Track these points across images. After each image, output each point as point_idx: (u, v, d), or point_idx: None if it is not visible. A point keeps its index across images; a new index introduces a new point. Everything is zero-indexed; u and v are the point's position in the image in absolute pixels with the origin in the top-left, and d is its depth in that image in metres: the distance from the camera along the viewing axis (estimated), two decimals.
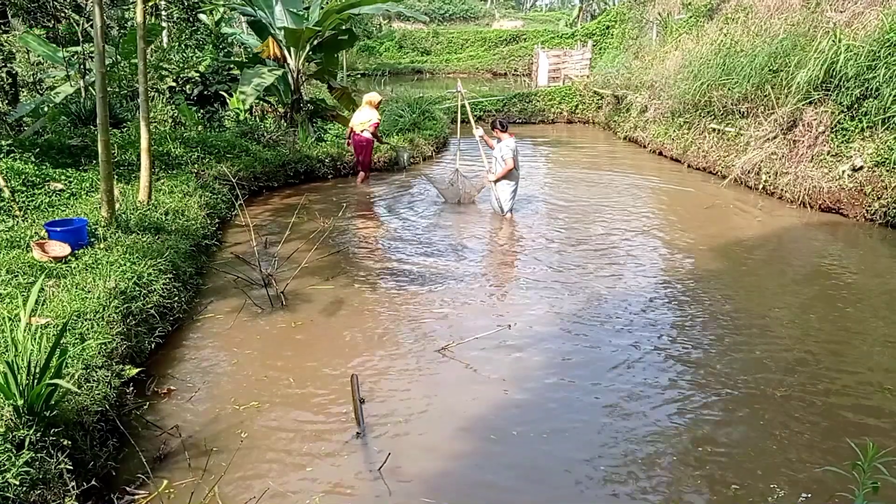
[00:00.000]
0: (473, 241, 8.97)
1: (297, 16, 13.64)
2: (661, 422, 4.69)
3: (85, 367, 4.39)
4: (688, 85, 14.58)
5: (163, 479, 4.02)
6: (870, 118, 9.93)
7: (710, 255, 8.23)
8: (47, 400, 3.78)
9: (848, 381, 5.23)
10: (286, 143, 12.93)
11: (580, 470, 4.17)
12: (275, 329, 6.16)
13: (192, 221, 8.07)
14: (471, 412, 4.83)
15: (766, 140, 11.60)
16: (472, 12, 58.29)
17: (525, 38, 43.64)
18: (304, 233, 8.71)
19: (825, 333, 6.08)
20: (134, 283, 5.77)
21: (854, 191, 9.73)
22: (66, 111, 11.78)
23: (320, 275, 7.44)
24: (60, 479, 3.52)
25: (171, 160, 10.47)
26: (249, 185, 11.14)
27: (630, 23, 25.35)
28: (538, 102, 22.02)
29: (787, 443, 4.41)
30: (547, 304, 6.74)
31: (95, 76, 7.01)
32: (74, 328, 4.81)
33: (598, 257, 8.17)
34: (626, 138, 17.68)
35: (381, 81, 29.44)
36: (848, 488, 3.67)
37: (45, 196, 7.95)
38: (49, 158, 9.07)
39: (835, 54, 10.56)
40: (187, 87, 14.09)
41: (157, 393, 5.02)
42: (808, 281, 7.49)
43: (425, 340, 5.93)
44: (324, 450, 4.37)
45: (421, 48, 46.35)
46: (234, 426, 4.61)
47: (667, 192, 12.03)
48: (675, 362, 5.55)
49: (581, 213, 10.28)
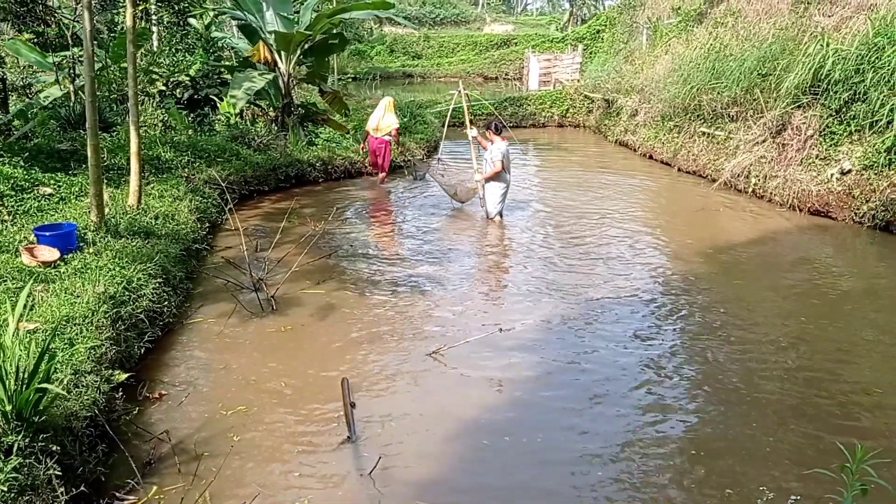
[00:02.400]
0: (464, 245, 8.98)
1: (288, 20, 13.63)
2: (653, 426, 4.69)
3: (74, 373, 4.36)
4: (678, 89, 14.65)
5: (152, 484, 4.00)
6: (858, 122, 10.00)
7: (700, 258, 8.26)
8: (36, 405, 3.75)
9: (836, 383, 5.25)
10: (277, 146, 12.91)
11: (572, 475, 4.17)
12: (265, 333, 6.15)
13: (182, 226, 8.04)
14: (462, 416, 4.83)
15: (756, 143, 11.66)
16: (462, 16, 58.41)
17: (516, 43, 43.80)
18: (294, 237, 8.69)
19: (814, 336, 6.10)
20: (123, 287, 5.74)
21: (842, 194, 9.79)
22: (55, 115, 11.73)
23: (311, 279, 7.43)
24: (49, 485, 3.49)
25: (161, 164, 10.44)
26: (240, 189, 11.11)
27: (620, 27, 25.45)
28: (529, 106, 22.07)
29: (776, 446, 4.43)
30: (537, 308, 6.75)
31: (85, 80, 6.99)
32: (63, 333, 4.78)
33: (589, 261, 8.19)
34: (617, 142, 17.73)
35: (371, 85, 29.49)
36: (836, 490, 3.68)
37: (35, 200, 7.91)
38: (38, 163, 9.03)
39: (823, 58, 10.64)
40: (177, 90, 14.05)
41: (146, 398, 4.99)
42: (798, 284, 7.53)
43: (416, 344, 5.93)
44: (315, 454, 4.36)
45: (412, 52, 46.44)
46: (224, 431, 4.59)
47: (657, 195, 12.08)
48: (665, 366, 5.56)
49: (571, 216, 10.30)
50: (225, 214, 9.54)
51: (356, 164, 13.40)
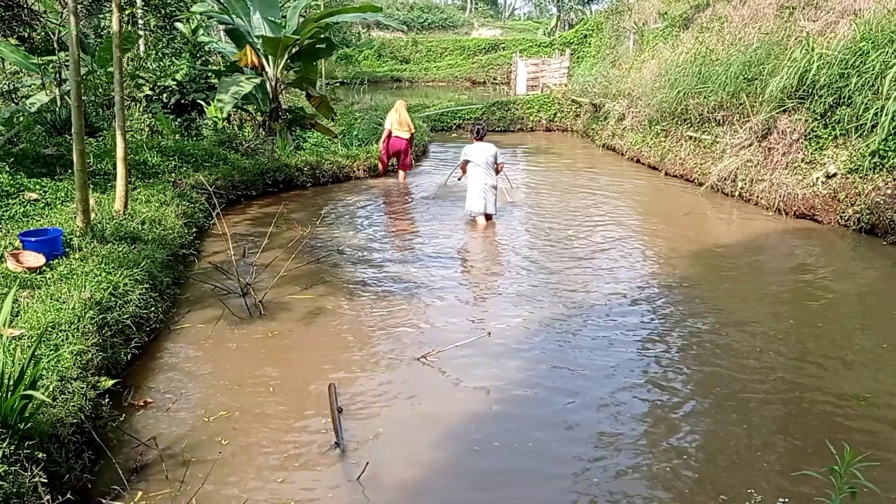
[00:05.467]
0: (453, 250, 8.98)
1: (275, 24, 13.61)
2: (641, 430, 4.70)
3: (60, 379, 4.33)
4: (664, 93, 14.73)
5: (139, 490, 3.96)
6: (843, 126, 10.08)
7: (687, 262, 8.30)
8: (21, 412, 3.72)
9: (824, 386, 5.28)
10: (264, 151, 12.88)
11: (561, 480, 4.16)
12: (253, 339, 6.12)
13: (169, 231, 8.00)
14: (451, 421, 4.82)
15: (742, 147, 11.73)
16: (450, 21, 58.61)
17: (503, 47, 43.95)
18: (282, 241, 8.67)
19: (801, 340, 6.14)
20: (110, 293, 5.70)
21: (828, 197, 9.86)
22: (41, 120, 11.65)
23: (299, 284, 7.40)
24: (35, 493, 3.46)
25: (148, 169, 10.39)
26: (227, 194, 11.07)
27: (607, 32, 25.56)
28: (517, 111, 22.15)
29: (765, 449, 4.44)
30: (526, 312, 6.75)
31: (71, 85, 6.94)
32: (49, 339, 4.74)
33: (577, 264, 8.21)
34: (605, 146, 17.80)
35: (359, 90, 29.45)
36: (825, 493, 3.70)
37: (20, 206, 7.85)
38: (24, 168, 8.96)
39: (808, 63, 10.73)
40: (164, 95, 14.01)
41: (133, 404, 4.96)
42: (784, 287, 7.57)
43: (404, 349, 5.92)
44: (302, 460, 4.34)
45: (400, 57, 46.48)
46: (211, 437, 4.57)
47: (645, 199, 12.13)
48: (653, 369, 5.58)
49: (559, 220, 10.33)
50: (212, 219, 9.49)
51: (344, 169, 13.38)
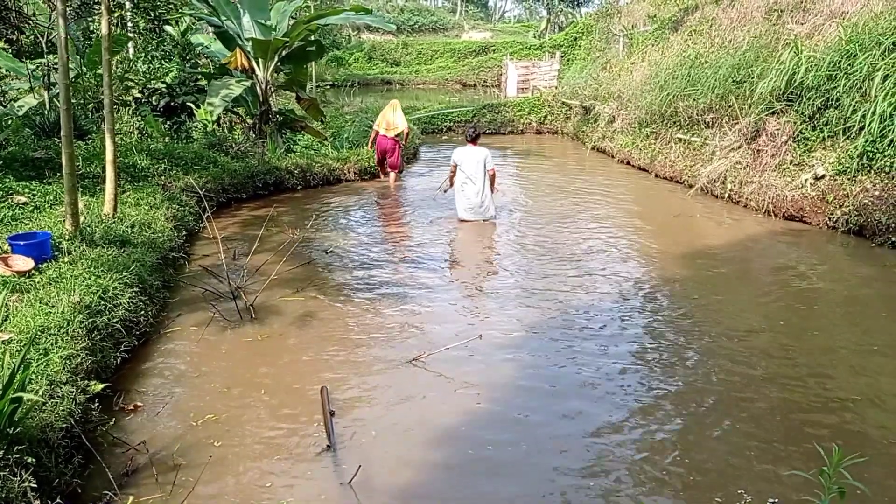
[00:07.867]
0: (444, 251, 8.99)
1: (265, 27, 13.59)
2: (633, 431, 4.71)
3: (49, 383, 4.30)
4: (654, 96, 14.80)
5: (129, 495, 3.94)
6: (831, 128, 10.14)
7: (678, 263, 8.33)
8: (10, 416, 3.70)
9: (813, 387, 5.30)
10: (255, 154, 12.85)
11: (554, 483, 4.16)
12: (243, 342, 6.10)
13: (159, 234, 7.97)
14: (444, 424, 4.81)
15: (731, 150, 11.79)
16: (441, 24, 58.68)
17: (494, 50, 44.05)
18: (273, 245, 8.65)
19: (790, 341, 6.16)
20: (99, 297, 5.67)
21: (816, 199, 9.92)
22: (29, 123, 11.59)
23: (290, 286, 7.39)
24: (24, 498, 3.44)
25: (138, 172, 10.35)
26: (217, 197, 11.04)
27: (597, 34, 25.64)
28: (507, 113, 22.19)
29: (755, 450, 4.46)
30: (517, 314, 6.76)
31: (59, 88, 6.91)
32: (38, 343, 4.71)
33: (568, 266, 8.23)
34: (595, 148, 17.84)
35: (350, 92, 29.45)
36: (814, 493, 3.72)
37: (9, 209, 7.81)
38: (12, 171, 8.92)
39: (796, 65, 10.80)
40: (154, 98, 13.96)
41: (123, 409, 4.93)
42: (774, 288, 7.61)
43: (397, 351, 5.91)
44: (294, 463, 4.33)
45: (390, 59, 46.55)
46: (202, 440, 4.55)
47: (635, 201, 12.17)
48: (644, 371, 5.59)
49: (550, 222, 10.35)
50: (202, 222, 9.46)
51: (335, 171, 13.36)
